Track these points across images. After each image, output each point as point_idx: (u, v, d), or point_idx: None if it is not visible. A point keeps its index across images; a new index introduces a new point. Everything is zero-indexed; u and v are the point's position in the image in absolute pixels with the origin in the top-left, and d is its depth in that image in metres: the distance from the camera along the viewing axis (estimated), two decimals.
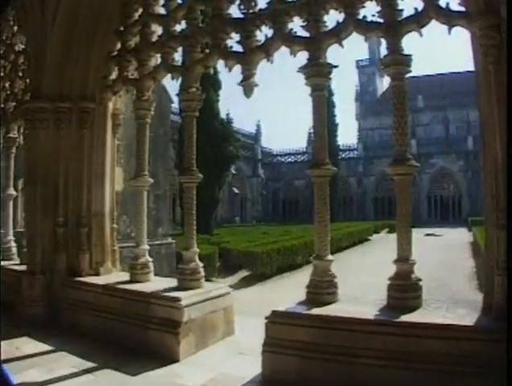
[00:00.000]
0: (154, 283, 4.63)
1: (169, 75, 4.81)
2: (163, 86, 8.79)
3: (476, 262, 13.10)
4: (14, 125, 6.88)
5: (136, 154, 4.93)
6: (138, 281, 4.65)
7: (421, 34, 3.31)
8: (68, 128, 5.18)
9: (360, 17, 3.52)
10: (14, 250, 6.87)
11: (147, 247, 4.86)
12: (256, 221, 36.49)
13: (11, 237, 6.92)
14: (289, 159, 53.34)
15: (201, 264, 4.48)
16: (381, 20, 3.40)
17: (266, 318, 3.35)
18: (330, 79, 3.71)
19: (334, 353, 3.03)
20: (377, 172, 43.91)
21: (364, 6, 3.55)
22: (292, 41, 3.83)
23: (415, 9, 3.27)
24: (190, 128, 4.56)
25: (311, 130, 4.05)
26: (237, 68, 4.15)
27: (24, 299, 4.99)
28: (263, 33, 4.03)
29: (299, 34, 3.81)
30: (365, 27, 3.51)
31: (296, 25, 3.86)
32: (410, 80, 3.62)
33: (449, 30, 3.18)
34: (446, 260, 13.84)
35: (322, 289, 3.45)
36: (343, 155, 45.93)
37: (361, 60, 55.73)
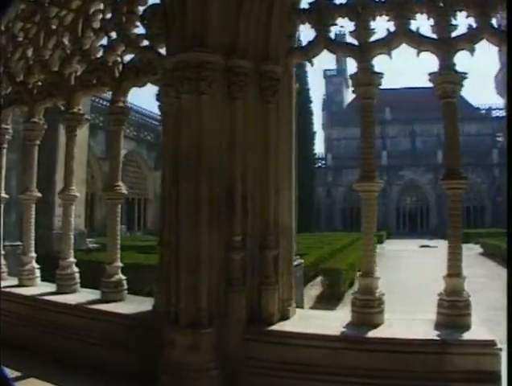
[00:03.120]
0: (394, 324, 3.16)
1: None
2: None
3: None
4: (82, 96, 4.90)
5: (362, 148, 3.38)
6: (371, 325, 3.11)
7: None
8: (244, 98, 3.43)
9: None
10: (78, 277, 4.84)
11: (379, 276, 3.27)
12: (127, 229, 26.52)
13: (73, 259, 4.86)
14: None
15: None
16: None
17: None
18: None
19: None
20: (346, 182, 43.55)
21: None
22: None
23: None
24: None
25: None
26: None
27: (182, 367, 3.11)
28: None
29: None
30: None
31: None
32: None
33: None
34: (485, 274, 12.99)
35: None
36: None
37: (329, 70, 55.57)
